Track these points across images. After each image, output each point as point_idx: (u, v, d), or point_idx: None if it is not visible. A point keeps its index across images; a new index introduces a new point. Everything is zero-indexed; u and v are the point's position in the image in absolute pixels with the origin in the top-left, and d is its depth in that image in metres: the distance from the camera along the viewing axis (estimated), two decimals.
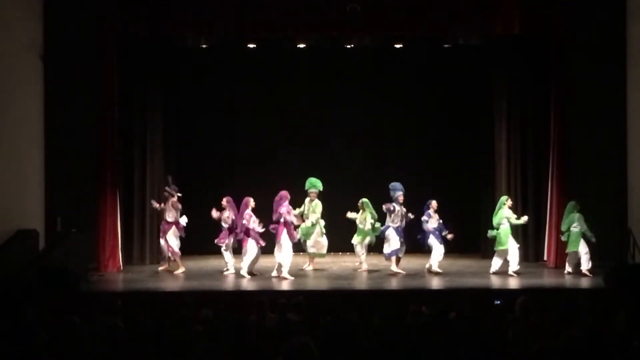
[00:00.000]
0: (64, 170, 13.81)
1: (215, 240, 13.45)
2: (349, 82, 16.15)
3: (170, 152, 15.57)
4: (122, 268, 14.11)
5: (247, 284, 12.88)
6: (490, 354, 6.04)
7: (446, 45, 15.20)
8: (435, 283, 12.89)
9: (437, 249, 13.38)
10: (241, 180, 15.00)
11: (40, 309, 8.90)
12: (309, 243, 13.88)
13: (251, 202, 13.21)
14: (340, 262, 14.70)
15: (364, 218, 13.53)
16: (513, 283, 12.82)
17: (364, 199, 13.55)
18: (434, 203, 13.49)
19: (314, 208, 13.81)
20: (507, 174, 15.22)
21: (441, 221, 13.48)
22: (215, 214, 13.38)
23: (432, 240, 13.39)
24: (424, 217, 13.42)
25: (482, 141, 15.92)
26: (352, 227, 13.83)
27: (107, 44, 13.92)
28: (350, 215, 13.59)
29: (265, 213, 13.64)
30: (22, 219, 13.45)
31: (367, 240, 13.65)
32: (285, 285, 12.59)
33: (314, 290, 12.30)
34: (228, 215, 13.37)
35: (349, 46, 15.15)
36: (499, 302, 8.12)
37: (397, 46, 15.18)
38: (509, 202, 13.49)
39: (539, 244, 14.86)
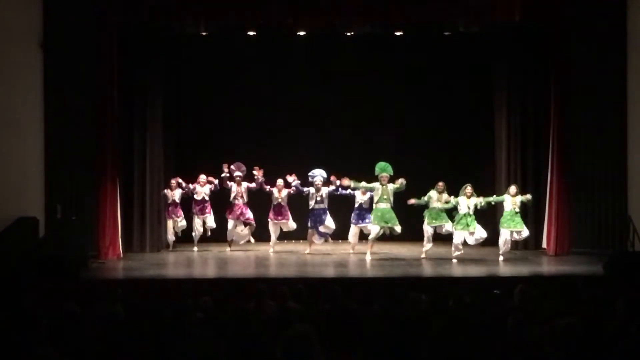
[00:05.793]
0: (63, 158, 13.76)
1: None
2: (349, 69, 16.12)
3: (170, 139, 15.58)
4: (122, 256, 14.12)
5: (247, 271, 12.90)
6: (489, 341, 6.05)
7: (447, 33, 15.18)
8: (434, 271, 12.90)
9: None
10: None
11: (40, 297, 8.91)
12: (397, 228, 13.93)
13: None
14: (340, 250, 14.72)
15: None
16: (512, 271, 12.81)
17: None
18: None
19: (390, 192, 13.83)
20: (507, 160, 15.24)
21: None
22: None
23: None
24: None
25: (483, 128, 15.95)
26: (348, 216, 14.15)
27: (106, 31, 13.86)
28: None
29: (263, 200, 14.08)
30: (22, 206, 13.42)
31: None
32: (285, 273, 12.61)
33: (314, 277, 12.30)
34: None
35: (349, 34, 15.12)
36: (498, 291, 8.09)
37: (398, 34, 15.15)
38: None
39: (538, 231, 14.86)
